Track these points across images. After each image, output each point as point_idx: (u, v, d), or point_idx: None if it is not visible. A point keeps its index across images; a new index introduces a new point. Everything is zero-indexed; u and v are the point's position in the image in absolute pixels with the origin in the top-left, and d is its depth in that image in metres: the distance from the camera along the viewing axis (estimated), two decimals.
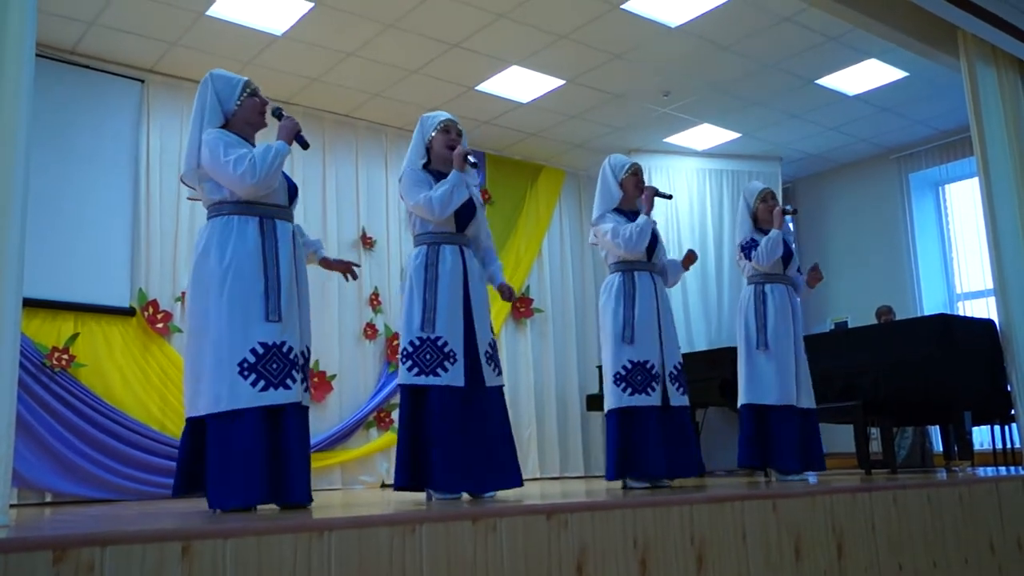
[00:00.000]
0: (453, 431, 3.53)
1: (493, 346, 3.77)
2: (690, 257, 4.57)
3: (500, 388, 3.76)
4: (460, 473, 3.50)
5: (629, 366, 4.26)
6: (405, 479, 3.56)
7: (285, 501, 3.05)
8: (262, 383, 3.02)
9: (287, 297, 3.14)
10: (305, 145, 3.41)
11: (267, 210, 3.21)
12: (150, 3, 5.88)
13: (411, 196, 3.69)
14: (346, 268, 3.68)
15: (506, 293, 3.87)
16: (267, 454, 3.00)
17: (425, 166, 3.83)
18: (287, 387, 3.06)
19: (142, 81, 6.77)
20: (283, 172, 3.35)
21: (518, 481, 3.65)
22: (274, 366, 3.05)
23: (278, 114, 3.41)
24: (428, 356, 3.57)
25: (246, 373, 3.01)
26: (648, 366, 4.27)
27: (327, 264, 3.62)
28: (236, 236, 3.13)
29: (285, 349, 3.09)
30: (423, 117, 3.90)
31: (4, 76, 2.56)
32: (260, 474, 2.96)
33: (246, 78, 3.41)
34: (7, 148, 2.52)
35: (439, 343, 3.58)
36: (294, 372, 3.09)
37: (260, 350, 3.04)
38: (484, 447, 3.58)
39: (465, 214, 3.76)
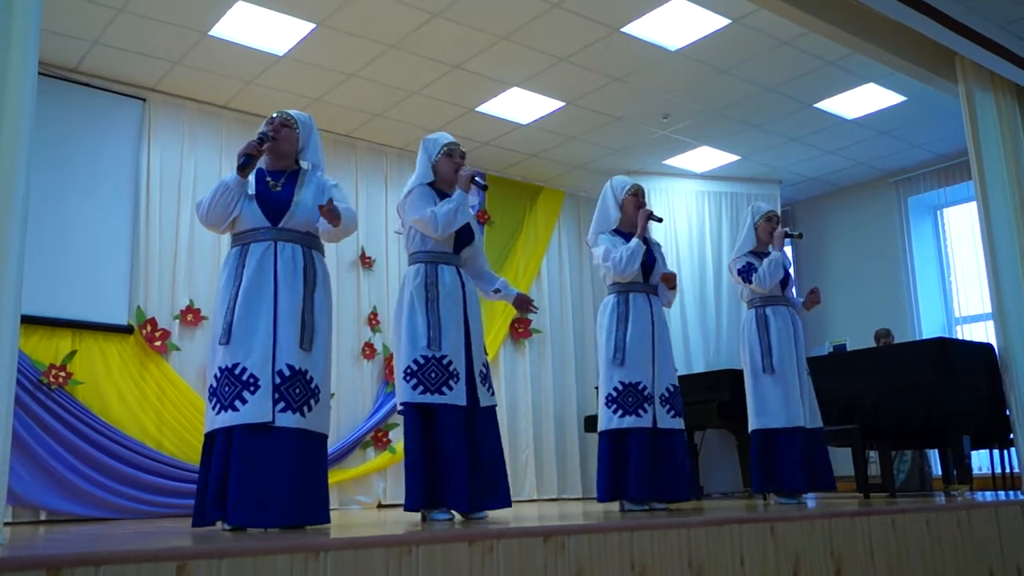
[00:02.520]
0: (464, 450, 3.54)
1: (487, 366, 3.80)
2: (666, 279, 4.46)
3: (493, 408, 3.76)
4: (473, 492, 3.52)
5: (620, 387, 4.26)
6: (420, 500, 3.50)
7: (228, 522, 3.06)
8: (218, 406, 3.13)
9: (240, 318, 3.17)
10: (242, 169, 3.24)
11: (243, 237, 3.30)
12: (153, 23, 5.91)
13: (415, 210, 3.70)
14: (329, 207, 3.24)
15: (525, 303, 3.97)
16: (220, 476, 3.09)
17: (431, 186, 3.85)
18: (234, 408, 3.10)
19: (144, 100, 6.80)
20: (266, 190, 3.33)
21: (508, 501, 3.64)
22: (226, 389, 3.13)
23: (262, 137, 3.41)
24: (434, 374, 3.57)
25: (210, 398, 3.19)
26: (640, 387, 4.26)
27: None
28: (222, 271, 3.32)
29: (237, 371, 3.12)
30: (426, 139, 3.94)
31: (6, 94, 2.57)
32: (214, 496, 3.07)
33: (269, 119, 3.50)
34: (8, 165, 2.52)
35: (444, 361, 3.59)
36: (245, 393, 3.10)
37: (218, 374, 3.17)
38: (478, 467, 3.58)
39: (464, 236, 3.80)
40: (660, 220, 4.59)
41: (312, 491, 3.19)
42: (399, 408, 3.69)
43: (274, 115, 3.49)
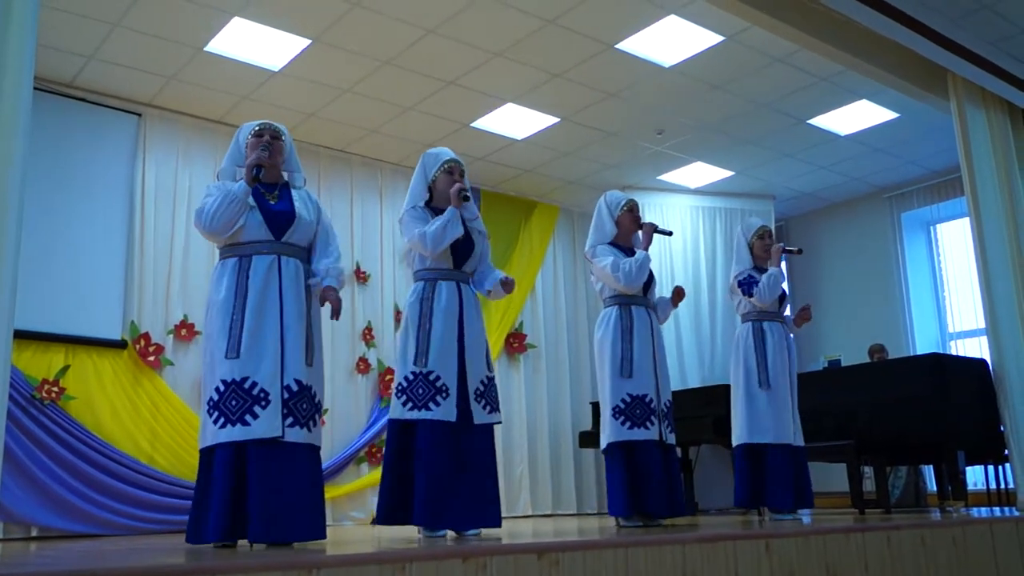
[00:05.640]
0: (440, 467, 3.50)
1: (487, 383, 3.74)
2: (678, 293, 4.57)
3: (490, 427, 3.72)
4: (443, 510, 3.47)
5: (628, 399, 4.26)
6: (386, 515, 3.58)
7: (248, 539, 3.03)
8: (222, 420, 3.08)
9: (250, 332, 3.15)
10: (256, 179, 3.30)
11: (243, 248, 3.28)
12: (149, 38, 5.93)
13: (407, 233, 3.76)
14: (335, 302, 3.53)
15: (508, 285, 3.82)
16: (228, 491, 3.03)
17: (427, 203, 3.86)
18: (245, 423, 3.06)
19: (139, 115, 6.80)
20: (266, 203, 3.33)
21: (495, 522, 3.59)
22: (233, 403, 3.09)
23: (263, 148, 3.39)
24: (420, 390, 3.58)
25: (211, 411, 3.12)
26: (647, 400, 4.27)
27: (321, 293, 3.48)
28: (216, 280, 3.27)
29: (247, 385, 3.10)
30: (425, 154, 3.95)
31: (2, 108, 2.57)
32: (219, 511, 3.01)
33: (259, 122, 3.47)
34: (3, 179, 2.52)
35: (431, 377, 3.59)
36: (256, 407, 3.08)
37: (221, 387, 3.12)
38: (468, 485, 3.55)
39: (463, 250, 3.79)
40: (670, 233, 4.65)
41: (319, 506, 3.22)
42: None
43: (256, 125, 3.45)
